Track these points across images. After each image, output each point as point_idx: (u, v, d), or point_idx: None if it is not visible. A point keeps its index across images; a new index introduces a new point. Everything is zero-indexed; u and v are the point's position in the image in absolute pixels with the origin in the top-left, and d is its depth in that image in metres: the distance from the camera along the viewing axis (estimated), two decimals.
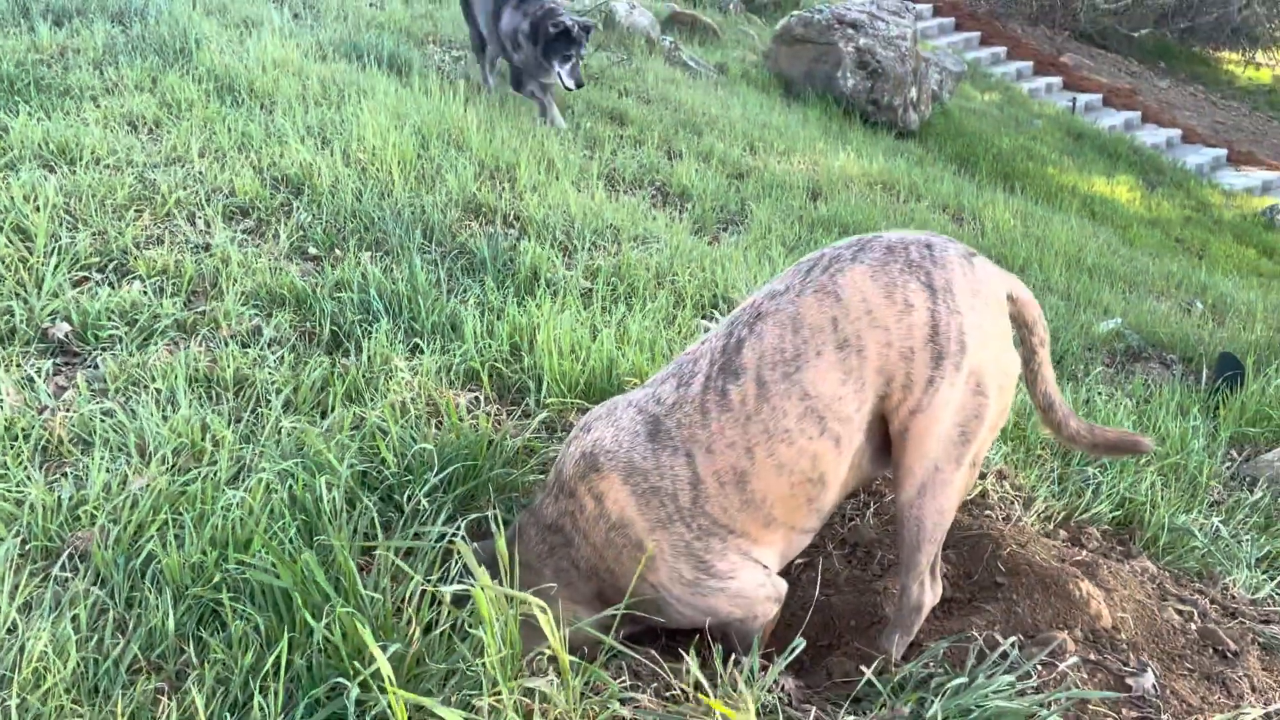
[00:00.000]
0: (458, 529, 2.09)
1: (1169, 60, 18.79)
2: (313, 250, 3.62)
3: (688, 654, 1.94)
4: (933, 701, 1.96)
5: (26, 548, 2.15)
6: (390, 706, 1.65)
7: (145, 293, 3.11)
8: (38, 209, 3.33)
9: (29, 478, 2.31)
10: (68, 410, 2.57)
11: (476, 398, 2.94)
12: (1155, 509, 3.18)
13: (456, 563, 2.02)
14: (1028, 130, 12.86)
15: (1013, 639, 2.21)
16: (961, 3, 17.96)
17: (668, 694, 1.96)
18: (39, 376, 2.68)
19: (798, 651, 2.04)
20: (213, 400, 2.72)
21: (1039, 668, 2.15)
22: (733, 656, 2.01)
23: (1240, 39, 19.35)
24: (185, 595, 2.01)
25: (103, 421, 2.52)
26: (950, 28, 17.05)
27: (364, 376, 2.85)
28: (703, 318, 3.77)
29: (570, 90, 6.24)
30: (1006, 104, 14.06)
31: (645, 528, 2.06)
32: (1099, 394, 4.19)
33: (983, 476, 3.01)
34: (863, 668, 2.03)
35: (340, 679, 1.78)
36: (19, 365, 2.72)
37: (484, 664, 1.76)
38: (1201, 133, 15.75)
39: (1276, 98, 18.26)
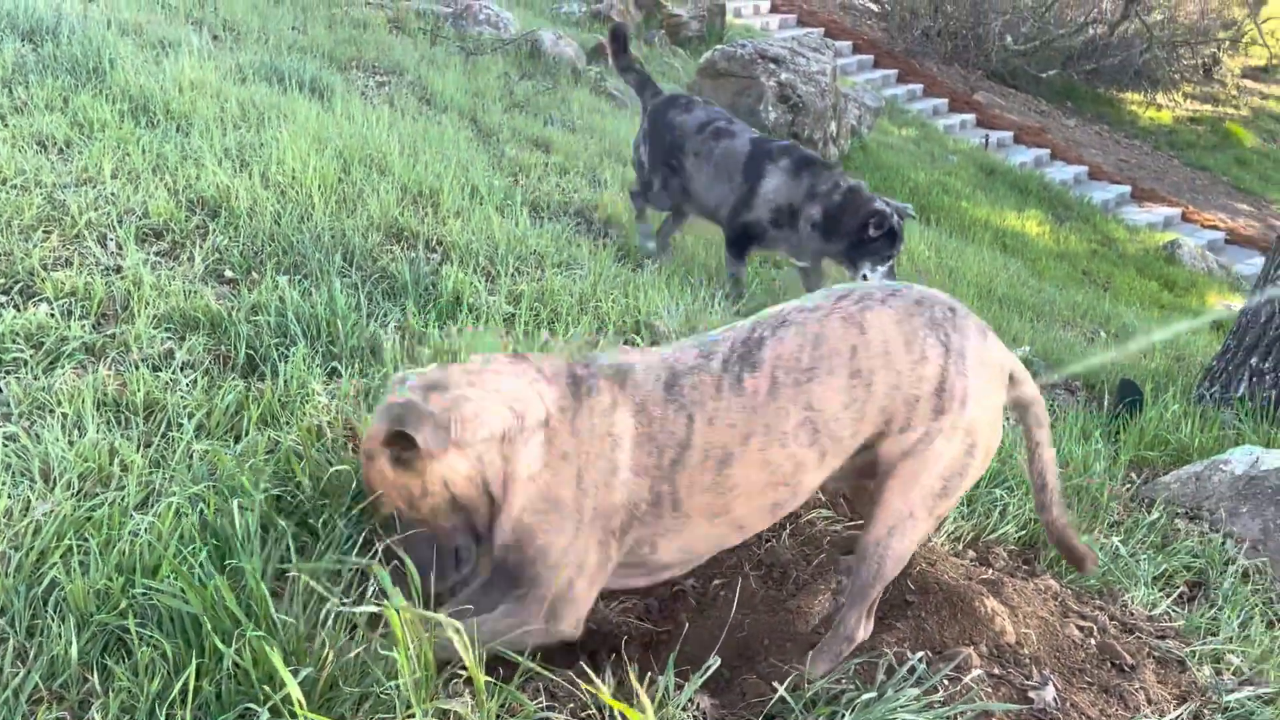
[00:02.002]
0: (374, 553, 2.08)
1: (1076, 100, 19.56)
2: (229, 273, 3.57)
3: (604, 674, 1.96)
4: (843, 716, 2.01)
5: None
6: None
7: (53, 315, 3.04)
8: None
9: None
10: None
11: None
12: None
13: (373, 586, 2.01)
14: (943, 165, 13.26)
15: (921, 654, 2.28)
16: (880, 41, 18.49)
17: (584, 714, 1.98)
18: None
19: (712, 670, 2.08)
20: (122, 425, 2.66)
21: (945, 682, 2.22)
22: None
23: (1142, 81, 20.23)
24: (90, 622, 1.96)
25: (5, 446, 2.45)
26: (869, 65, 17.52)
27: (280, 400, 2.82)
28: (624, 342, 3.80)
29: None
30: (923, 140, 14.49)
31: (629, 463, 2.10)
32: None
33: None
34: (775, 684, 2.07)
35: (250, 705, 1.76)
36: None
37: (398, 686, 1.75)
38: (1107, 170, 16.40)
39: (1177, 138, 19.11)
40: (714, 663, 2.09)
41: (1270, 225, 15.47)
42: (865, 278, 4.72)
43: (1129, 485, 4.13)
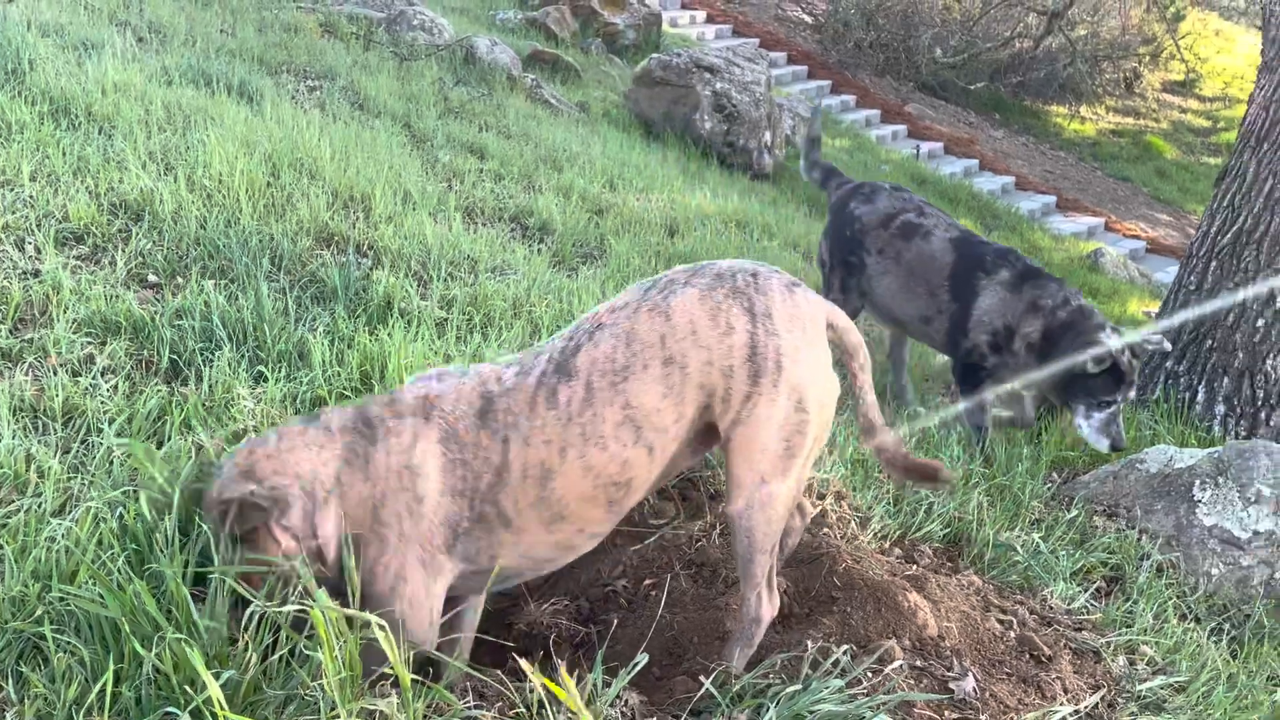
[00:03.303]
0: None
1: (1003, 112, 20.04)
2: (152, 277, 3.51)
3: (532, 672, 1.97)
4: (769, 708, 2.05)
5: None
6: None
7: None
8: None
9: None
10: None
11: None
12: (982, 527, 3.38)
13: (297, 588, 1.99)
14: (876, 175, 13.48)
15: (845, 648, 2.33)
16: (814, 52, 18.75)
17: (512, 713, 1.98)
18: None
19: (640, 667, 2.10)
20: (39, 430, 2.61)
21: (868, 673, 2.26)
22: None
23: (1066, 94, 20.80)
24: (4, 630, 1.92)
25: None
26: (803, 75, 17.75)
27: (204, 405, 2.78)
28: None
29: (1100, 448, 4.08)
30: (856, 150, 14.70)
31: (437, 488, 2.14)
32: (933, 423, 4.42)
33: (822, 497, 3.15)
34: (702, 678, 2.09)
35: (171, 709, 1.74)
36: None
37: (323, 686, 1.74)
38: (1033, 180, 16.82)
39: (1100, 149, 19.67)
40: (642, 660, 2.11)
41: (1188, 235, 16.00)
42: (1083, 429, 4.04)
43: (1050, 485, 4.24)
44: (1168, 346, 4.12)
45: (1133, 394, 4.04)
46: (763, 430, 2.21)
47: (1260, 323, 5.04)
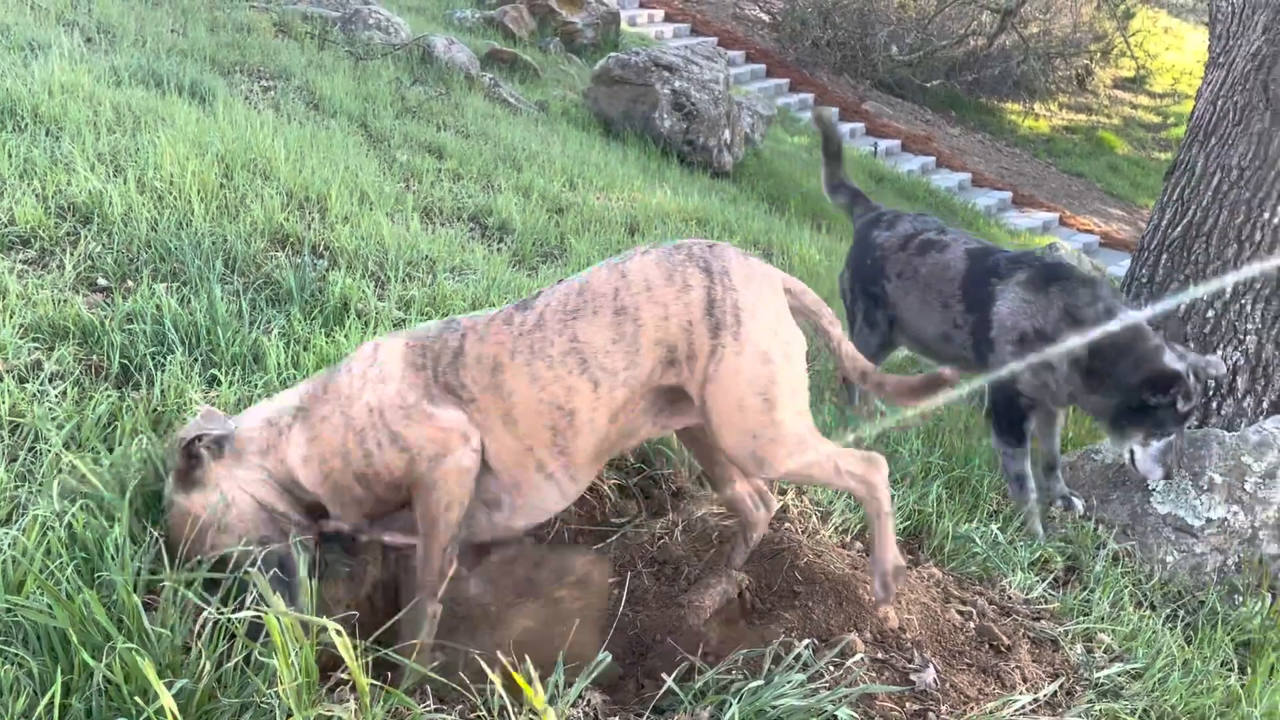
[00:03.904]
0: (252, 559, 2.03)
1: (959, 109, 20.26)
2: (102, 281, 3.44)
3: (492, 673, 1.95)
4: (731, 704, 2.05)
5: None
6: None
7: None
8: None
9: None
10: None
11: None
12: (941, 519, 3.41)
13: (251, 593, 1.96)
14: None
15: (807, 642, 2.34)
16: (771, 50, 18.84)
17: (474, 715, 1.97)
18: None
19: (602, 666, 2.09)
20: None
21: (831, 667, 2.27)
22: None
23: (1020, 91, 21.09)
24: None
25: None
26: (761, 74, 17.84)
27: (156, 410, 2.73)
28: None
29: (1151, 480, 3.75)
30: (815, 147, 14.77)
31: (400, 368, 2.34)
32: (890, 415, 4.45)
33: (783, 492, 3.16)
34: (664, 675, 2.09)
35: None
36: None
37: (279, 693, 1.71)
38: (989, 177, 17.02)
39: (1054, 146, 19.95)
40: (604, 658, 2.10)
41: (1140, 229, 16.25)
42: (1133, 455, 3.62)
43: None
44: (1223, 369, 3.73)
45: (1194, 422, 3.68)
46: (734, 385, 2.27)
47: (1210, 314, 5.12)
